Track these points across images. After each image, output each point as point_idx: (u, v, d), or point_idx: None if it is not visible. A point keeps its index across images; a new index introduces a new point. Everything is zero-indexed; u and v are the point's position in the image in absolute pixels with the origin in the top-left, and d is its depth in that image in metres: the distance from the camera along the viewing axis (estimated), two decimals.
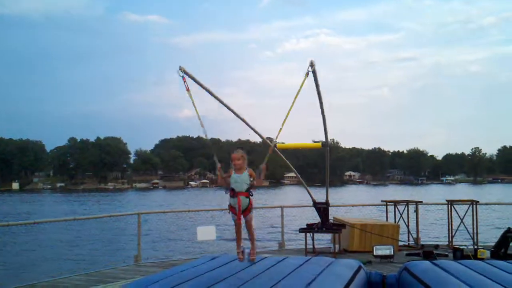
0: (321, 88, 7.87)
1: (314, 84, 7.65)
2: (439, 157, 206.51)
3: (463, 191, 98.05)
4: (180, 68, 6.17)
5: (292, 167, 10.83)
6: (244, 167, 6.10)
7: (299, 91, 6.67)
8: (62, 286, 9.45)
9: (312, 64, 6.83)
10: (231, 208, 6.09)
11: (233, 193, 6.00)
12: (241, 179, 6.00)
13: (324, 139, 9.61)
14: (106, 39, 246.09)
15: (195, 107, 6.43)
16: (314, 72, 6.98)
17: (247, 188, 6.03)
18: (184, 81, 6.23)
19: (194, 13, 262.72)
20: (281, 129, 6.71)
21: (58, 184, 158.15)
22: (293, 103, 6.66)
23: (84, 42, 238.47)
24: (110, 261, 16.92)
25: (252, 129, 8.13)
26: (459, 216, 13.15)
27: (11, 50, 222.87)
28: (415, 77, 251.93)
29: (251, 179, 6.03)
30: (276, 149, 9.16)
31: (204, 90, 6.84)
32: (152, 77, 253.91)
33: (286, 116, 6.66)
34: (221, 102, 7.18)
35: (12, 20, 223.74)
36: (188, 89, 6.28)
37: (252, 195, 6.10)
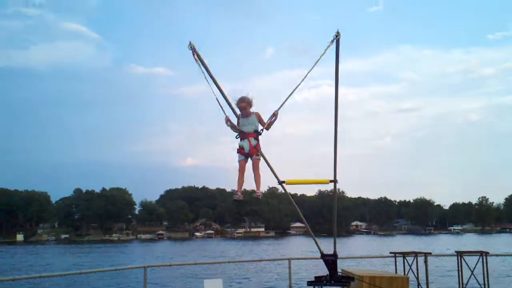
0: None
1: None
2: (446, 207, 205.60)
3: (471, 241, 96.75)
4: (190, 43, 6.37)
5: (301, 214, 10.73)
6: (250, 111, 6.32)
7: (319, 58, 6.67)
8: None
9: (337, 34, 6.78)
10: (240, 149, 6.28)
11: (243, 135, 6.19)
12: (248, 121, 6.24)
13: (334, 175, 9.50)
14: (112, 90, 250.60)
15: (202, 70, 6.60)
16: (337, 42, 6.89)
17: (255, 130, 6.25)
18: (193, 54, 6.43)
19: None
20: (286, 99, 6.77)
21: (63, 236, 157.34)
22: (309, 71, 6.66)
23: (89, 93, 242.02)
24: None
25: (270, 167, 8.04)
26: (469, 268, 12.96)
27: (18, 101, 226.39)
28: (418, 127, 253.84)
29: (259, 123, 6.32)
30: (284, 186, 9.15)
31: (206, 71, 6.93)
32: (157, 127, 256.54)
33: (297, 86, 6.74)
34: (216, 83, 7.20)
35: (19, 72, 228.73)
36: (196, 60, 6.47)
37: (260, 134, 6.31)
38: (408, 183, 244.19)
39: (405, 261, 13.79)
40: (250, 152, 6.45)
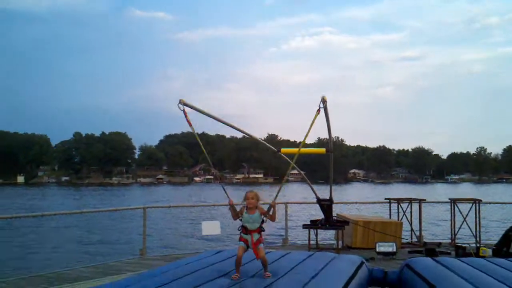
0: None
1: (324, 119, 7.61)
2: (444, 156, 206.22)
3: (467, 190, 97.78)
4: (180, 101, 5.98)
5: (296, 167, 10.88)
6: (256, 206, 6.27)
7: (310, 127, 6.66)
8: (68, 277, 9.60)
9: (324, 100, 6.81)
10: (243, 239, 6.27)
11: (246, 231, 6.19)
12: (253, 219, 6.18)
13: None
14: (111, 34, 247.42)
15: (198, 140, 6.63)
16: (325, 109, 6.93)
17: (258, 226, 6.25)
18: (186, 116, 6.09)
19: (199, 9, 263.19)
20: (290, 167, 6.79)
21: (63, 178, 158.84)
22: (304, 138, 6.65)
23: (89, 37, 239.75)
24: (115, 254, 17.11)
25: (263, 141, 8.14)
26: (462, 215, 13.23)
27: (16, 45, 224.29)
28: (419, 76, 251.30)
29: (263, 218, 6.23)
30: (281, 154, 9.28)
31: (207, 116, 6.82)
32: (157, 72, 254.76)
33: (298, 152, 6.74)
34: (226, 123, 7.19)
35: (16, 15, 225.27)
36: (190, 124, 6.18)
37: (263, 231, 6.31)
38: (408, 133, 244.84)
39: (400, 207, 14.06)
40: (252, 247, 6.42)
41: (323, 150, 9.19)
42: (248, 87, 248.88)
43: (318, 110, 6.66)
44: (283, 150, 9.17)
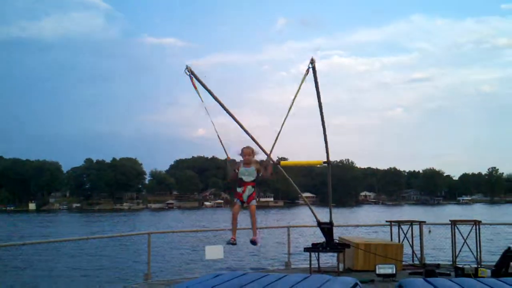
0: (325, 100, 7.80)
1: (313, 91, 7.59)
2: (456, 177, 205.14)
3: (478, 211, 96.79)
4: (187, 67, 6.59)
5: (295, 185, 11.08)
6: (252, 161, 6.65)
7: (298, 89, 6.83)
8: None
9: (312, 61, 6.97)
10: (237, 194, 6.62)
11: (241, 183, 6.53)
12: (248, 172, 6.61)
13: (329, 158, 9.70)
14: (122, 61, 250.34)
15: (201, 99, 6.88)
16: (314, 70, 7.04)
17: (253, 180, 6.61)
18: (191, 80, 6.62)
19: (210, 36, 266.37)
20: (277, 138, 7.03)
21: (74, 205, 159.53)
22: (291, 105, 6.83)
23: (101, 64, 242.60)
24: (121, 279, 17.31)
25: (262, 148, 8.24)
26: (462, 236, 13.35)
27: (28, 72, 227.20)
28: (429, 98, 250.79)
29: (259, 174, 6.63)
30: (280, 167, 9.46)
31: (207, 91, 7.06)
32: (167, 97, 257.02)
33: (283, 122, 6.92)
34: (224, 107, 7.39)
35: (29, 43, 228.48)
36: (195, 87, 6.67)
37: (257, 184, 6.66)
38: (418, 154, 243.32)
39: (400, 229, 14.18)
40: (247, 200, 6.77)
41: (320, 161, 9.31)
42: (258, 111, 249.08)
43: (307, 70, 6.86)
44: (282, 162, 9.37)
